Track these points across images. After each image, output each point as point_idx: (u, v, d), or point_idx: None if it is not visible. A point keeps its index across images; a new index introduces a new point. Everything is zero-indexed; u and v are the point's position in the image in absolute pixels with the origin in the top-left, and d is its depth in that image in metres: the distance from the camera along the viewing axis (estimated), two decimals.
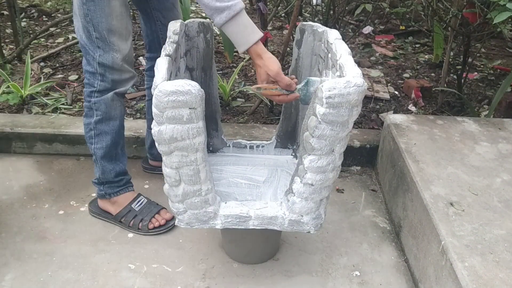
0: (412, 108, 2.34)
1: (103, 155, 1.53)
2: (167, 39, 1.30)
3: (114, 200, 1.59)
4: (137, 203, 1.60)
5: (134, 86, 2.42)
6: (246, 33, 1.21)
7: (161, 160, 1.80)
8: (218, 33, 2.80)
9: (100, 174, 1.56)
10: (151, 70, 1.67)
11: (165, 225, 1.58)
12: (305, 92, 1.24)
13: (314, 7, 2.83)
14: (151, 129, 1.77)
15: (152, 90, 1.04)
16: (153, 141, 1.75)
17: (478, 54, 2.82)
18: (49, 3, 3.79)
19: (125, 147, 1.60)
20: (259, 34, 1.22)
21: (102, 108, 1.48)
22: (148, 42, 1.65)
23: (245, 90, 2.31)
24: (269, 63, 1.22)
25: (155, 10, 1.57)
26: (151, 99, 1.70)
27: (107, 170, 1.56)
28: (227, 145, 1.58)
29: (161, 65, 1.12)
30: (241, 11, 1.19)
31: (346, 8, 2.62)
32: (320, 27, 1.38)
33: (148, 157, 1.87)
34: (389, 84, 2.55)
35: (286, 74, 1.27)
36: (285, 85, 1.23)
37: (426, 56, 2.98)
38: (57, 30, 3.15)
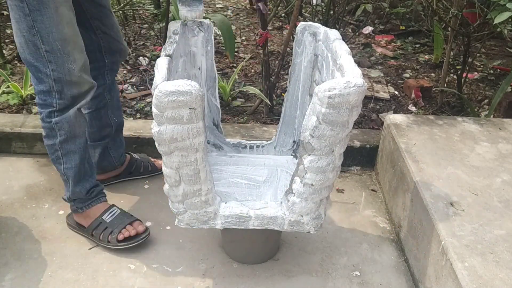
0: (412, 108, 2.34)
1: (74, 174, 1.44)
2: (167, 39, 1.28)
3: (86, 214, 1.51)
4: (108, 214, 1.50)
5: (134, 86, 2.42)
6: None
7: (107, 172, 1.72)
8: (218, 33, 2.80)
9: (71, 194, 1.48)
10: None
11: (136, 237, 1.47)
12: None
13: (314, 7, 2.83)
14: (93, 142, 1.64)
15: (152, 90, 1.04)
16: (101, 154, 1.66)
17: (478, 54, 2.82)
18: None
19: (91, 158, 1.52)
20: None
21: (66, 128, 1.37)
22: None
23: (245, 90, 2.31)
24: None
25: (93, 19, 1.48)
26: (93, 111, 1.59)
27: (77, 191, 1.47)
28: (227, 145, 1.58)
29: (161, 65, 1.12)
30: None
31: (346, 8, 2.62)
32: (320, 27, 1.38)
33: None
34: (389, 84, 2.55)
35: (286, 75, 1.27)
36: None
37: (426, 56, 2.98)
38: None
